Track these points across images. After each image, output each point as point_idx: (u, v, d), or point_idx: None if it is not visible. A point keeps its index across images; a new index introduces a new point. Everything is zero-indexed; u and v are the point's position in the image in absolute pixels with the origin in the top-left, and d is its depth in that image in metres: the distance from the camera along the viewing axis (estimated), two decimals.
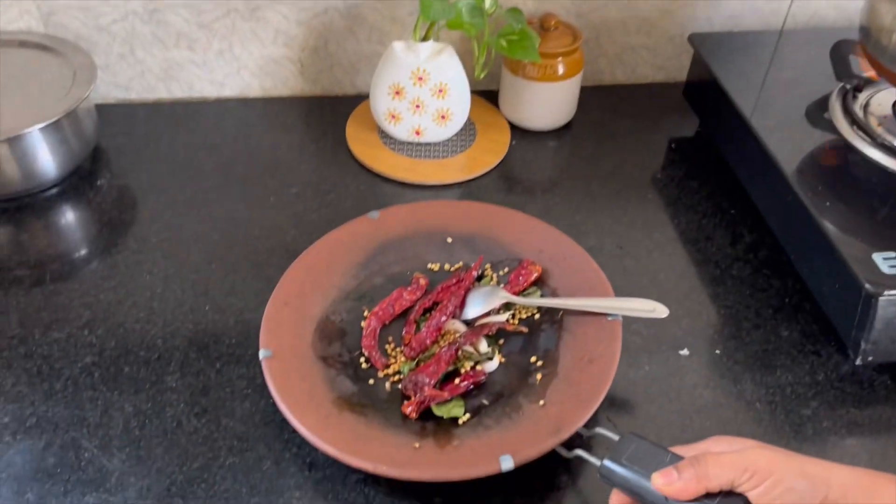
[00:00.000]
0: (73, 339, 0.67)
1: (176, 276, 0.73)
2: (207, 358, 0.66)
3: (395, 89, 0.84)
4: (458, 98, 0.85)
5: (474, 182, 0.85)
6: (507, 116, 0.92)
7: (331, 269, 0.70)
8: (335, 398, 0.61)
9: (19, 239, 0.76)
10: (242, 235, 0.77)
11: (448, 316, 0.67)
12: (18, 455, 0.59)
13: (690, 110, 0.93)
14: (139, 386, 0.64)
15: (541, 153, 0.90)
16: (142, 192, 0.82)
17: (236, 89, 0.94)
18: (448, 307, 0.68)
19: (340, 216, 0.80)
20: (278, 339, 0.63)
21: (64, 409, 0.62)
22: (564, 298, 0.68)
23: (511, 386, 0.63)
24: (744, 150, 0.80)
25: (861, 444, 0.63)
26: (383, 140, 0.88)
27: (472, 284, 0.70)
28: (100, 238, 0.77)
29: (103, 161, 0.85)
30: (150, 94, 0.93)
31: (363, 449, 0.57)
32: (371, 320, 0.68)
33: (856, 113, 0.75)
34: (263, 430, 0.61)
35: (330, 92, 0.96)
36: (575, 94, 0.91)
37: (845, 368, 0.68)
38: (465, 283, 0.70)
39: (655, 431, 0.62)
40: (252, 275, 0.74)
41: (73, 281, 0.72)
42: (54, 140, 0.78)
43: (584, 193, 0.84)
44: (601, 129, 0.93)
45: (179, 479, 0.58)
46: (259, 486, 0.58)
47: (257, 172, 0.84)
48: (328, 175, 0.85)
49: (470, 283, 0.70)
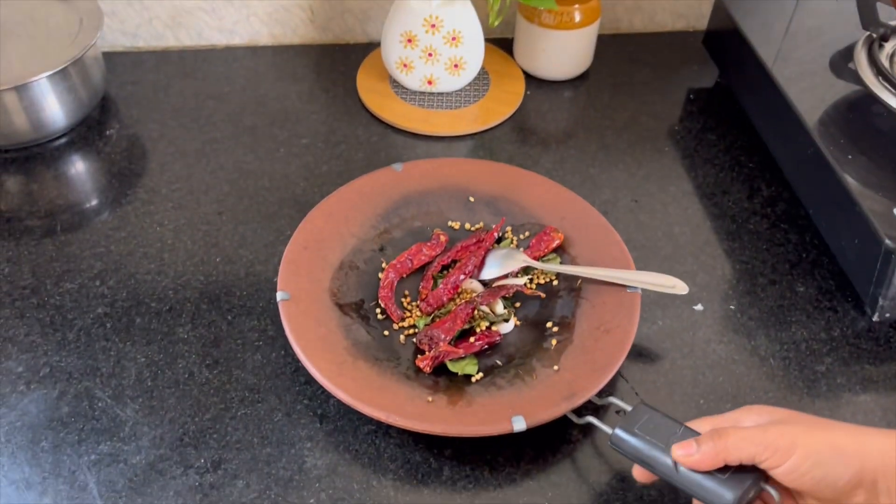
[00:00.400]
0: (84, 290, 0.67)
1: (186, 228, 0.73)
2: (219, 309, 0.66)
3: (408, 37, 0.82)
4: (472, 46, 0.83)
5: (488, 133, 0.84)
6: (521, 66, 0.90)
7: (351, 218, 0.70)
8: (350, 346, 0.61)
9: (29, 189, 0.76)
10: (252, 187, 0.77)
11: (466, 275, 0.67)
12: (33, 404, 0.60)
13: (710, 60, 0.90)
14: (151, 337, 0.64)
15: (556, 104, 0.88)
16: (151, 141, 0.81)
17: (245, 37, 0.92)
18: (467, 266, 0.67)
19: (352, 168, 0.79)
20: (296, 283, 0.63)
21: (77, 359, 0.63)
22: (584, 267, 0.67)
23: (525, 349, 0.63)
24: (764, 102, 0.78)
25: (875, 400, 0.62)
26: (395, 90, 0.87)
27: (493, 246, 0.70)
28: (110, 188, 0.77)
29: (112, 110, 0.84)
30: (157, 42, 0.91)
31: (376, 398, 0.57)
32: (389, 272, 0.67)
33: (881, 63, 0.72)
34: (275, 382, 0.62)
35: (341, 40, 0.94)
36: (591, 43, 0.89)
37: (861, 325, 0.67)
38: (486, 244, 0.69)
39: (667, 387, 0.62)
40: (262, 227, 0.73)
41: (83, 231, 0.72)
42: (62, 88, 0.77)
43: (599, 145, 0.83)
44: (618, 79, 0.91)
45: (192, 430, 0.59)
46: (270, 437, 0.58)
47: (267, 122, 0.83)
48: (339, 126, 0.83)
49: (490, 244, 0.69)
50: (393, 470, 0.57)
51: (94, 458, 0.57)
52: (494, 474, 0.57)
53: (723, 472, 0.48)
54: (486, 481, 0.57)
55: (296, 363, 0.63)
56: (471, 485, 0.57)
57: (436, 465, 0.57)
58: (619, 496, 0.56)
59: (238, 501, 0.55)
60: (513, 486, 0.57)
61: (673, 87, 0.90)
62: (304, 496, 0.56)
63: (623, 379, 0.63)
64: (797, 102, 0.72)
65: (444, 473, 0.57)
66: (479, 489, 0.56)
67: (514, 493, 0.56)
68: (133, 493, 0.55)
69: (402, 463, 0.58)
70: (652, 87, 0.90)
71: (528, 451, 0.58)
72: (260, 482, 0.56)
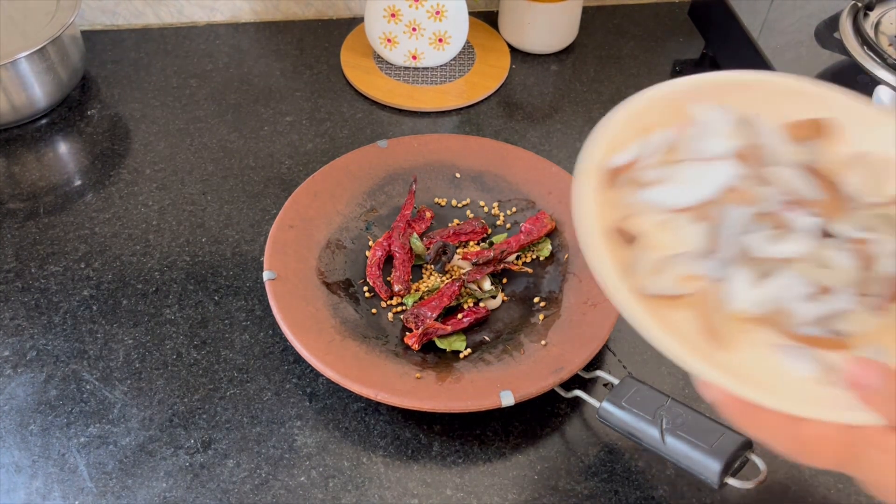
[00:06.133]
0: (69, 273, 0.67)
1: (171, 208, 0.72)
2: (205, 290, 0.66)
3: (391, 11, 0.81)
4: (457, 20, 0.82)
5: (473, 108, 0.83)
6: (506, 39, 0.90)
7: (337, 196, 0.69)
8: (338, 324, 0.61)
9: (11, 171, 0.75)
10: (237, 166, 0.76)
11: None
12: (20, 388, 0.60)
13: (696, 31, 0.90)
14: (138, 319, 0.64)
15: (542, 77, 0.87)
16: (133, 121, 0.80)
17: (227, 13, 0.91)
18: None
19: (337, 145, 0.78)
20: (283, 262, 0.63)
21: (64, 342, 0.62)
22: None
23: (513, 324, 0.63)
24: None
25: None
26: (379, 65, 0.86)
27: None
28: (93, 169, 0.76)
29: (93, 90, 0.83)
30: (137, 20, 0.90)
31: (365, 376, 0.57)
32: (376, 250, 0.67)
33: (866, 32, 0.72)
34: (263, 362, 0.62)
35: (323, 15, 0.93)
36: (577, 15, 0.88)
37: None
38: (481, 234, 0.69)
39: (655, 360, 0.63)
40: (247, 206, 0.73)
41: (67, 213, 0.72)
42: (40, 68, 0.76)
43: (585, 119, 0.82)
44: (604, 51, 0.90)
45: (181, 410, 0.59)
46: (260, 417, 0.59)
47: (250, 100, 0.82)
48: (323, 103, 0.83)
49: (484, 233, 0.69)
50: (383, 446, 0.58)
51: (83, 440, 0.57)
52: (484, 449, 0.58)
53: (709, 443, 0.49)
54: (476, 456, 0.57)
55: (284, 342, 0.63)
56: (460, 460, 0.57)
57: (425, 441, 0.58)
58: (608, 468, 0.57)
59: (229, 481, 0.55)
60: (502, 461, 0.57)
61: (659, 59, 0.89)
62: (295, 474, 0.56)
63: (610, 352, 0.63)
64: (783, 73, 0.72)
65: (434, 449, 0.58)
66: (468, 464, 0.57)
67: (503, 467, 0.57)
68: (123, 475, 0.55)
69: (392, 439, 0.58)
70: (638, 59, 0.89)
71: (516, 426, 0.59)
72: (250, 461, 0.56)
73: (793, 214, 0.44)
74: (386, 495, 0.55)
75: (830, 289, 0.42)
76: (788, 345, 0.42)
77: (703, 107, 0.49)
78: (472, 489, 0.56)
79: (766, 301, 0.43)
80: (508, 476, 0.56)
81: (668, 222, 0.46)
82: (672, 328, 0.41)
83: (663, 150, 0.47)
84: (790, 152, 0.47)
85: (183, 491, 0.55)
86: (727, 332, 0.42)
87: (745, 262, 0.44)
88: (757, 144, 0.47)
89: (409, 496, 0.55)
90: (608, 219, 0.45)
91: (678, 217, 0.46)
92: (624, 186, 0.47)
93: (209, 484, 0.55)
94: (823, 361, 0.41)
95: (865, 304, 0.43)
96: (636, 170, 0.47)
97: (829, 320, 0.42)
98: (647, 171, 0.47)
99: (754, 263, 0.44)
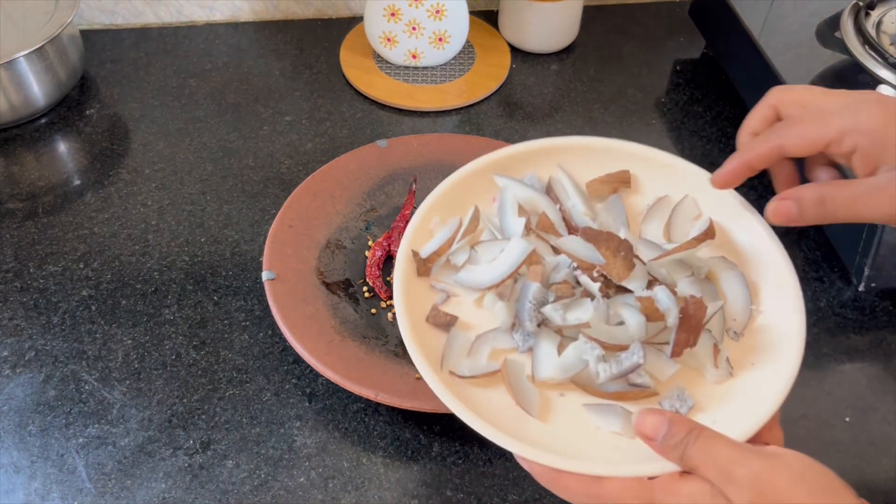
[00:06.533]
0: (68, 273, 0.67)
1: (170, 208, 0.72)
2: (205, 290, 0.66)
3: (391, 10, 0.81)
4: (457, 19, 0.82)
5: (473, 108, 0.83)
6: (507, 38, 0.89)
7: (336, 196, 0.69)
8: (337, 325, 0.61)
9: (10, 171, 0.75)
10: (236, 166, 0.76)
11: None
12: (19, 388, 0.60)
13: (696, 30, 0.90)
14: (137, 319, 0.64)
15: (542, 77, 0.87)
16: (132, 121, 0.80)
17: (226, 13, 0.91)
18: None
19: (336, 145, 0.78)
20: (282, 262, 0.63)
21: (62, 342, 0.62)
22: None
23: None
24: (751, 72, 0.78)
25: (861, 369, 0.63)
26: (379, 65, 0.86)
27: None
28: (92, 169, 0.76)
29: (92, 90, 0.83)
30: (136, 19, 0.90)
31: (364, 377, 0.57)
32: (376, 250, 0.67)
33: (868, 32, 0.72)
34: (262, 362, 0.61)
35: (323, 14, 0.92)
36: (577, 15, 0.88)
37: (847, 295, 0.67)
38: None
39: None
40: (247, 206, 0.72)
41: (66, 213, 0.71)
42: (39, 68, 0.76)
43: (585, 118, 0.82)
44: (604, 50, 0.90)
45: (180, 411, 0.59)
46: (259, 417, 0.58)
47: (250, 100, 0.82)
48: (323, 103, 0.82)
49: None
50: (383, 447, 0.57)
51: (82, 440, 0.57)
52: (484, 450, 0.57)
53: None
54: (476, 457, 0.57)
55: (283, 343, 0.62)
56: (460, 460, 0.57)
57: (425, 442, 0.58)
58: None
59: (228, 481, 0.55)
60: (502, 461, 0.57)
61: (659, 59, 0.89)
62: (295, 475, 0.56)
63: None
64: (784, 72, 0.71)
65: (434, 450, 0.57)
66: (468, 465, 0.57)
67: (503, 468, 0.56)
68: (122, 476, 0.55)
69: (392, 440, 0.58)
70: (638, 58, 0.89)
71: None
72: (249, 462, 0.56)
73: (583, 278, 0.48)
74: (386, 496, 0.55)
75: (624, 346, 0.46)
76: (598, 403, 0.46)
77: (502, 180, 0.55)
78: (472, 490, 0.55)
79: (568, 367, 0.47)
80: (508, 476, 0.56)
81: (478, 301, 0.51)
82: (484, 407, 0.45)
83: (465, 232, 0.52)
84: (586, 219, 0.53)
85: (182, 492, 0.55)
86: (540, 401, 0.46)
87: (546, 333, 0.48)
88: (550, 216, 0.52)
89: (408, 497, 0.55)
90: (426, 306, 0.50)
91: (486, 295, 0.51)
92: (440, 271, 0.52)
93: (208, 485, 0.55)
94: (628, 415, 0.45)
95: (663, 354, 0.47)
96: (449, 254, 0.52)
97: (628, 376, 0.45)
98: (456, 254, 0.52)
99: (554, 333, 0.48)
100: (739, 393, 0.46)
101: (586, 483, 0.41)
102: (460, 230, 0.52)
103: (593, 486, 0.40)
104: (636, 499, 0.40)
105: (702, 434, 0.39)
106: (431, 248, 0.52)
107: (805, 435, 0.59)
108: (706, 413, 0.45)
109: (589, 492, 0.41)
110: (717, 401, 0.46)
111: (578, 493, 0.41)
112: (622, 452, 0.43)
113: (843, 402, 0.61)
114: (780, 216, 0.45)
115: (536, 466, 0.42)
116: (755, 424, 0.43)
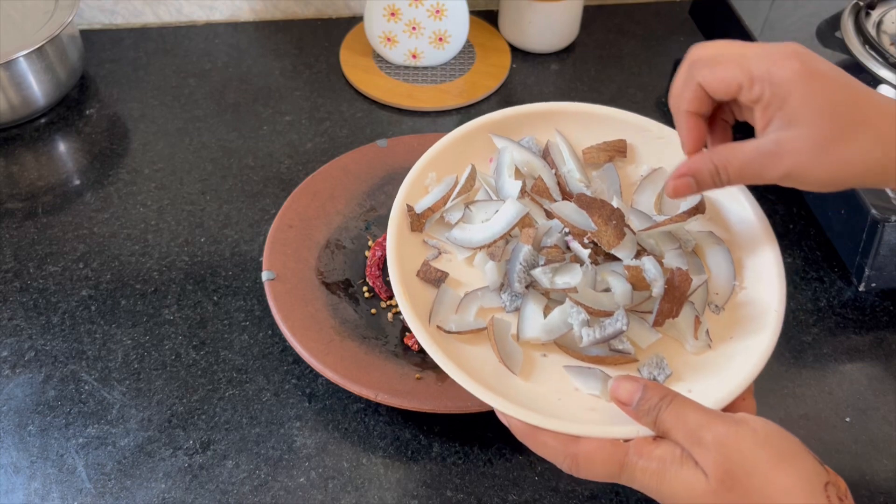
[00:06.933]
0: (68, 273, 0.67)
1: (170, 208, 0.72)
2: (204, 290, 0.66)
3: (391, 10, 0.81)
4: (457, 19, 0.82)
5: (474, 107, 0.83)
6: (507, 38, 0.89)
7: (336, 196, 0.69)
8: (337, 325, 0.61)
9: (10, 171, 0.75)
10: (236, 165, 0.76)
11: None
12: (18, 388, 0.59)
13: (697, 30, 0.90)
14: (137, 319, 0.64)
15: (542, 77, 0.87)
16: (132, 121, 0.80)
17: (226, 12, 0.91)
18: None
19: (336, 145, 0.78)
20: (282, 262, 0.63)
21: (62, 342, 0.62)
22: None
23: None
24: None
25: (860, 369, 0.63)
26: (379, 65, 0.86)
27: None
28: (91, 169, 0.76)
29: (91, 90, 0.83)
30: (136, 19, 0.90)
31: (364, 377, 0.57)
32: (376, 250, 0.67)
33: (868, 31, 0.72)
34: (262, 362, 0.61)
35: (323, 14, 0.92)
36: (577, 14, 0.88)
37: (847, 295, 0.67)
38: None
39: None
40: (247, 205, 0.72)
41: (66, 213, 0.71)
42: (39, 68, 0.75)
43: None
44: (605, 50, 0.90)
45: (180, 411, 0.58)
46: (259, 417, 0.58)
47: (249, 100, 0.82)
48: (322, 102, 0.82)
49: None
50: (382, 447, 0.57)
51: (81, 441, 0.57)
52: (484, 450, 0.57)
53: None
54: (476, 457, 0.57)
55: (283, 343, 0.62)
56: (460, 461, 0.57)
57: (425, 442, 0.58)
58: None
59: (228, 482, 0.55)
60: (503, 461, 0.57)
61: (659, 59, 0.89)
62: (294, 475, 0.56)
63: None
64: None
65: (434, 450, 0.57)
66: (468, 465, 0.57)
67: (503, 469, 0.56)
68: (122, 476, 0.55)
69: (392, 440, 0.58)
70: (639, 58, 0.89)
71: None
72: (249, 462, 0.56)
73: (574, 244, 0.49)
74: (386, 496, 0.55)
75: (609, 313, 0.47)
76: (579, 365, 0.48)
77: (501, 141, 0.55)
78: (472, 490, 0.55)
79: (552, 329, 0.48)
80: (508, 477, 0.56)
81: (469, 260, 0.52)
82: (469, 362, 0.46)
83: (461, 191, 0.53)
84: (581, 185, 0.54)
85: (182, 492, 0.54)
86: (524, 360, 0.47)
87: (533, 295, 0.49)
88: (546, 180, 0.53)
89: (408, 497, 0.55)
90: (417, 261, 0.51)
91: (477, 255, 0.51)
92: (433, 228, 0.53)
93: (208, 485, 0.55)
94: (607, 379, 0.46)
95: (645, 322, 0.48)
96: (443, 211, 0.53)
97: (610, 341, 0.47)
98: (450, 212, 0.53)
99: (541, 295, 0.49)
100: (716, 365, 0.47)
101: (563, 441, 0.42)
102: (456, 188, 0.53)
103: (570, 444, 0.42)
104: (610, 458, 0.41)
105: (674, 400, 0.41)
106: (426, 203, 0.52)
107: (805, 435, 0.59)
108: (683, 382, 0.47)
109: (566, 450, 0.42)
110: (694, 371, 0.47)
111: (555, 450, 0.43)
112: (600, 414, 0.45)
113: (843, 402, 0.61)
114: (681, 192, 0.46)
115: (515, 422, 0.44)
116: (729, 395, 0.44)
